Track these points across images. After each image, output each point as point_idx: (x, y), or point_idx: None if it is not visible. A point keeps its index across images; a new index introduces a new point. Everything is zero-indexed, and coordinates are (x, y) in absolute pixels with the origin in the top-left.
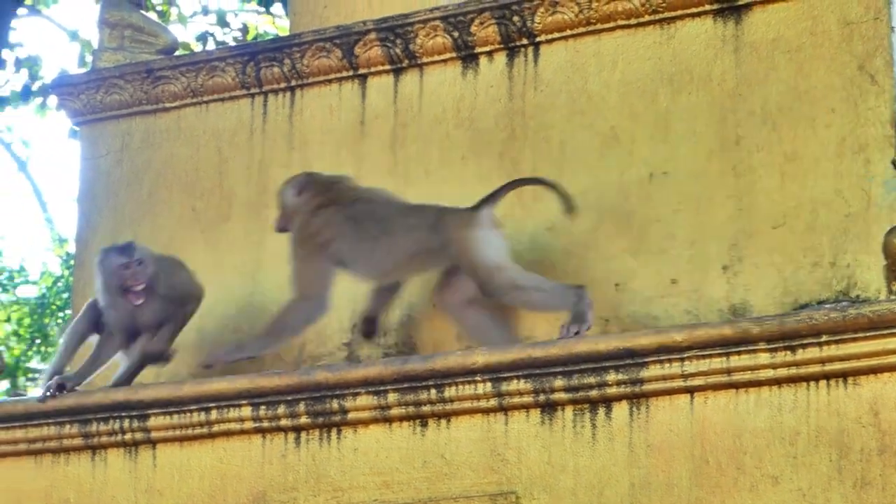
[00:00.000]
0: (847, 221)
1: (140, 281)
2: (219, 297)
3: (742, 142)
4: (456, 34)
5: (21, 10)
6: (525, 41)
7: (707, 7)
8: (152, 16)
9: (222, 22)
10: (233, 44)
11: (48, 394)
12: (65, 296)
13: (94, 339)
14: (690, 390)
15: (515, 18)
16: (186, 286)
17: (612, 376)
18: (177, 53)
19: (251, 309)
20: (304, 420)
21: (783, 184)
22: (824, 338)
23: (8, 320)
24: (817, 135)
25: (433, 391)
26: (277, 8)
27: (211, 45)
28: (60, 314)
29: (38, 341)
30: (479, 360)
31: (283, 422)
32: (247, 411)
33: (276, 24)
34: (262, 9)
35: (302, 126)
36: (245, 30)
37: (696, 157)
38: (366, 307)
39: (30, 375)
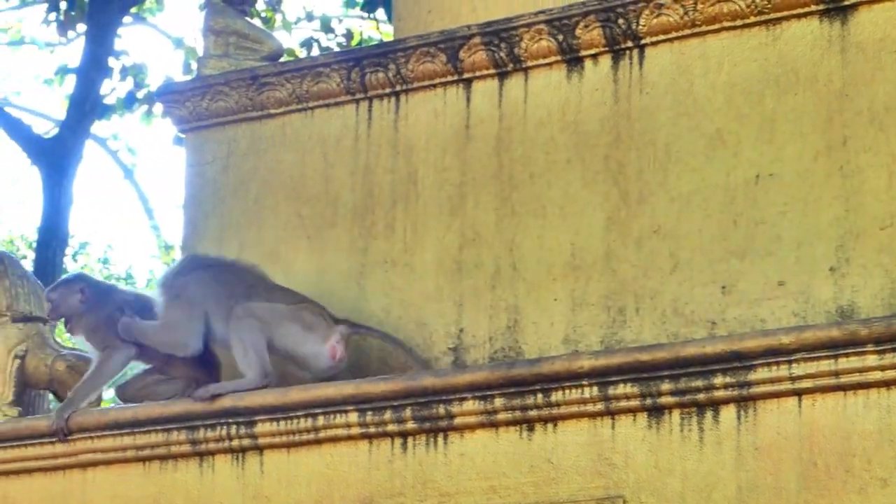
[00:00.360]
0: None
1: (52, 317)
2: (324, 304)
3: (849, 142)
4: (560, 37)
5: (126, 19)
6: (630, 44)
7: (813, 7)
8: (257, 23)
9: (326, 28)
10: (337, 50)
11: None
12: None
13: None
14: (798, 393)
15: (620, 21)
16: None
17: (719, 379)
18: (281, 60)
19: (356, 314)
20: (410, 425)
21: (891, 184)
22: None
23: None
24: None
25: (540, 395)
26: (381, 13)
27: (315, 52)
28: None
29: None
30: (585, 365)
31: (390, 427)
32: (353, 417)
33: (380, 30)
34: (366, 14)
35: (407, 131)
36: (349, 35)
37: (803, 159)
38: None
39: None
